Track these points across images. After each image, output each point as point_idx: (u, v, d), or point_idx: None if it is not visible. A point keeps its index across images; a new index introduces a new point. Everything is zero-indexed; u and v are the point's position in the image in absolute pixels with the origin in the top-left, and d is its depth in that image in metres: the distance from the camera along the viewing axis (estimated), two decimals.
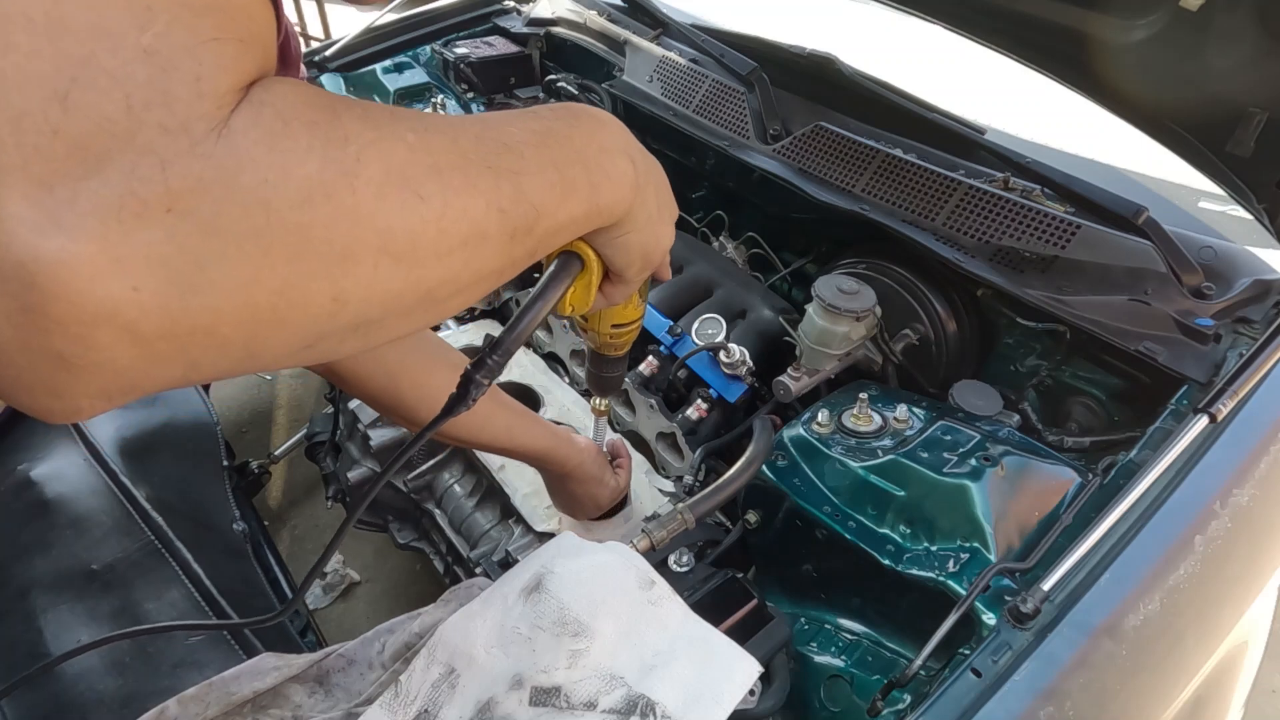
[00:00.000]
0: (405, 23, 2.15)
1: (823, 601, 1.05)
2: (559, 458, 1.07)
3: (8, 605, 0.92)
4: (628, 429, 1.41)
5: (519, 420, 1.02)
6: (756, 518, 1.09)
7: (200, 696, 0.76)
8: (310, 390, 2.56)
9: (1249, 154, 1.24)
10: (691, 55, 1.76)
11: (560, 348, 1.53)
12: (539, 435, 1.04)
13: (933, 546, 0.94)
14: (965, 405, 1.14)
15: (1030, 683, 0.73)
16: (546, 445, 1.05)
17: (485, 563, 1.20)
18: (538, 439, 1.04)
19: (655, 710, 0.72)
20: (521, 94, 2.06)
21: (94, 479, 1.07)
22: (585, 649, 0.77)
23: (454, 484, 1.41)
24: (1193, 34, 1.26)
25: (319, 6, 4.48)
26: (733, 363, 1.32)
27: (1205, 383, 1.05)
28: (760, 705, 0.82)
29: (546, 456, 1.06)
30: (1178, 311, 1.12)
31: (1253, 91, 1.21)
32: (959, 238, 1.27)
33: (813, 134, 1.48)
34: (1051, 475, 0.99)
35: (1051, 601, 0.79)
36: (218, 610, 0.94)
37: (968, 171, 1.37)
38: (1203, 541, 0.86)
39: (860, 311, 1.21)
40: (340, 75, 2.02)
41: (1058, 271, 1.19)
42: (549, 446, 1.05)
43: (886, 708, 0.87)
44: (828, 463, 1.03)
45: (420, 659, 0.77)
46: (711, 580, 0.95)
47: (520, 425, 1.02)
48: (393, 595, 2.00)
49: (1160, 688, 0.84)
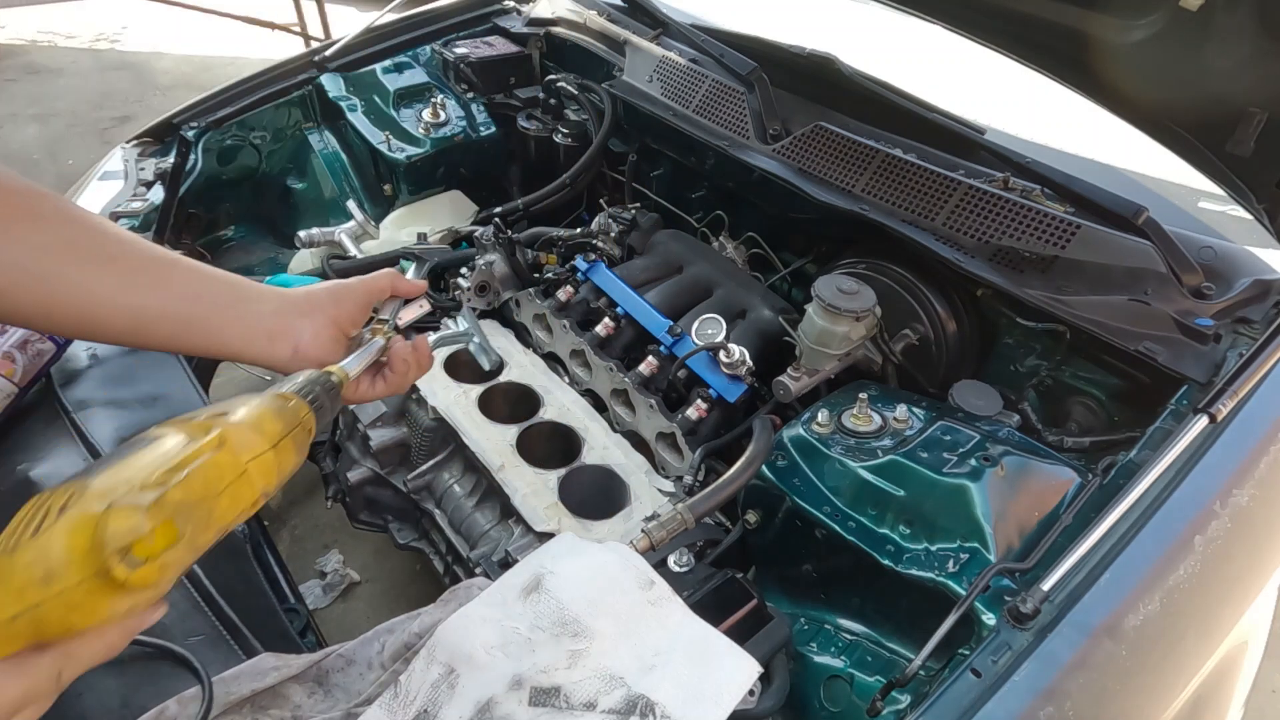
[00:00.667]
0: (405, 23, 2.15)
1: (822, 601, 1.05)
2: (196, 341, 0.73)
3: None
4: (628, 429, 1.41)
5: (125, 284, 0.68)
6: (756, 518, 1.09)
7: (200, 696, 0.76)
8: None
9: (1249, 154, 1.24)
10: (691, 55, 1.76)
11: (560, 348, 1.53)
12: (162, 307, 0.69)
13: (932, 547, 0.94)
14: (965, 405, 1.14)
15: (1030, 683, 0.73)
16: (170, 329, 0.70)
17: (485, 563, 1.20)
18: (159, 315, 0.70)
19: (655, 710, 0.72)
20: (521, 94, 2.06)
21: None
22: (585, 649, 0.77)
23: (454, 484, 1.41)
24: (1192, 34, 1.25)
25: (319, 6, 4.49)
26: (733, 363, 1.32)
27: (1205, 383, 1.05)
28: (760, 705, 0.82)
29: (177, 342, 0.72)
30: (1178, 311, 1.12)
31: (1253, 91, 1.21)
32: (959, 238, 1.27)
33: (812, 134, 1.48)
34: (1051, 475, 0.99)
35: (1051, 601, 0.79)
36: (217, 610, 0.94)
37: (968, 171, 1.37)
38: (1203, 541, 0.86)
39: (860, 311, 1.21)
40: (340, 75, 2.02)
41: (1058, 271, 1.19)
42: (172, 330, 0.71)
43: (886, 708, 0.87)
44: (827, 463, 1.03)
45: (420, 659, 0.77)
46: (711, 580, 0.95)
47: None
48: (393, 595, 2.00)
49: (1160, 688, 0.83)
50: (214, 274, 0.74)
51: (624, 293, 1.50)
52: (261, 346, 0.73)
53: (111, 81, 4.75)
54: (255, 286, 0.76)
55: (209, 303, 0.72)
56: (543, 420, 1.40)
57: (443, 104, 1.94)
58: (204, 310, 0.71)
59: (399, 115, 1.94)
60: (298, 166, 2.10)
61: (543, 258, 1.69)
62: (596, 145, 1.84)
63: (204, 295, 0.72)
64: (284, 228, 2.02)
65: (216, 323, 0.72)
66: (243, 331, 0.73)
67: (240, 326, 0.73)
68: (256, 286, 0.76)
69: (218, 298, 0.72)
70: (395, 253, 1.72)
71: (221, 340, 0.73)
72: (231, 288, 0.74)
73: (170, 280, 0.71)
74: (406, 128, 1.91)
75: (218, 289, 0.73)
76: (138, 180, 1.75)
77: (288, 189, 2.11)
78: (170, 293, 0.70)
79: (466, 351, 1.53)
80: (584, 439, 1.37)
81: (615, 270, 1.56)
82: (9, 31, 5.30)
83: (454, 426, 1.35)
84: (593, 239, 1.71)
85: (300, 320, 0.75)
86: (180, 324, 0.71)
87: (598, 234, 1.72)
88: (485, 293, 1.62)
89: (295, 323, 0.75)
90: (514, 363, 1.52)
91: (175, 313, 0.70)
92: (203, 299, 0.71)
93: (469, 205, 1.96)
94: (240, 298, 0.74)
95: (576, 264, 1.59)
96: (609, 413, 1.45)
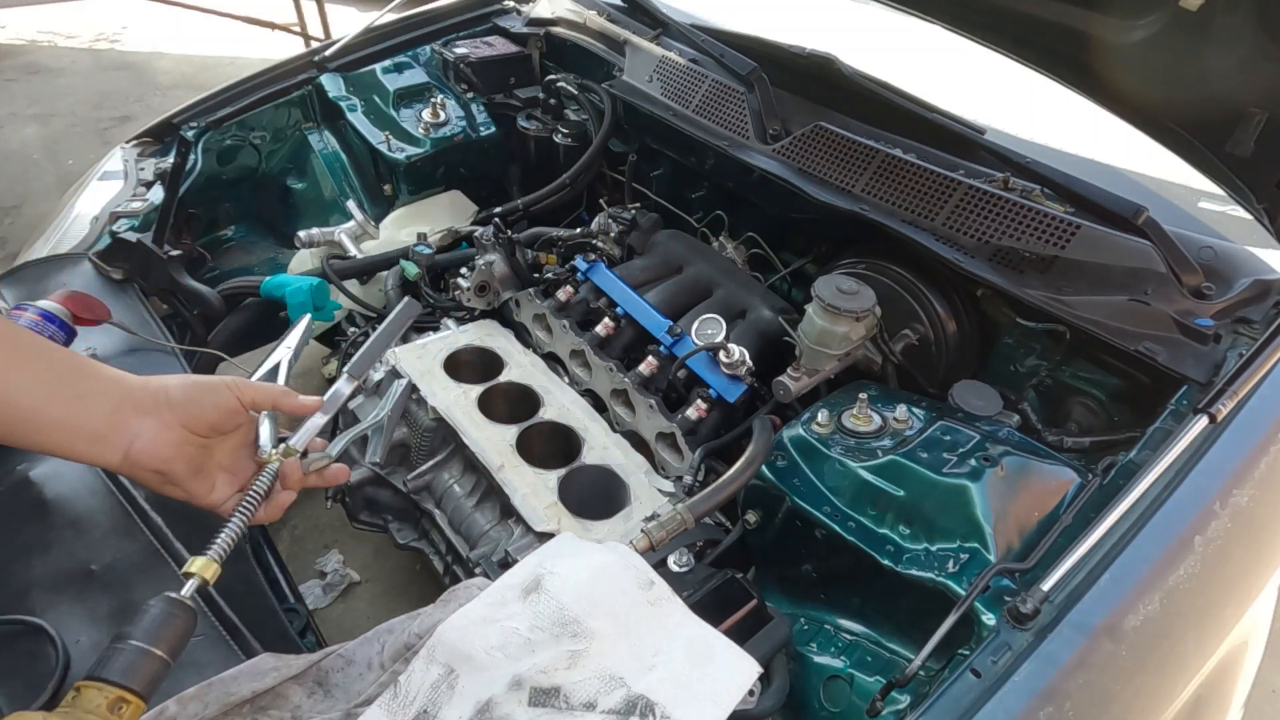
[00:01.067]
0: (405, 23, 2.15)
1: (822, 601, 1.05)
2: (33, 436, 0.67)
3: (7, 605, 0.92)
4: (628, 429, 1.41)
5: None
6: (756, 518, 1.09)
7: (199, 696, 0.75)
8: (310, 390, 2.56)
9: (1249, 154, 1.24)
10: (691, 55, 1.76)
11: (560, 348, 1.53)
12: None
13: (932, 547, 0.94)
14: (965, 405, 1.14)
15: (1030, 683, 0.73)
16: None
17: (485, 563, 1.20)
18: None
19: (654, 711, 0.72)
20: (521, 94, 2.06)
21: (93, 479, 1.07)
22: (584, 649, 0.77)
23: (453, 484, 1.41)
24: (1192, 34, 1.25)
25: (319, 6, 4.48)
26: (733, 363, 1.32)
27: (1205, 383, 1.05)
28: (760, 705, 0.82)
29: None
30: (1178, 311, 1.12)
31: (1253, 91, 1.21)
32: (959, 238, 1.27)
33: (812, 134, 1.48)
34: (1051, 475, 0.99)
35: (1051, 602, 0.79)
36: (216, 610, 0.94)
37: (968, 171, 1.37)
38: (1203, 542, 0.86)
39: (860, 311, 1.21)
40: (340, 75, 2.02)
41: (1057, 271, 1.19)
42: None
43: (886, 708, 0.87)
44: (827, 463, 1.03)
45: (419, 659, 0.77)
46: (711, 580, 0.95)
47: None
48: (393, 595, 2.00)
49: (1160, 688, 0.83)
50: (53, 363, 0.67)
51: (624, 293, 1.50)
52: (83, 449, 0.68)
53: (111, 81, 4.75)
54: (100, 379, 0.69)
55: (33, 397, 0.65)
56: (543, 420, 1.40)
57: (443, 104, 1.94)
58: (26, 405, 0.65)
59: (399, 115, 1.94)
60: (298, 166, 2.10)
61: (543, 258, 1.69)
62: (596, 145, 1.84)
63: (28, 389, 0.65)
64: (284, 228, 2.02)
65: (35, 422, 0.65)
66: (65, 434, 0.67)
67: (63, 429, 0.66)
68: (101, 379, 0.69)
69: (46, 392, 0.66)
70: (395, 253, 1.72)
71: (39, 440, 0.66)
72: (65, 383, 0.67)
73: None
74: (406, 128, 1.91)
75: (48, 383, 0.66)
76: (138, 180, 1.75)
77: (288, 189, 2.11)
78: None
79: (467, 351, 1.53)
80: (584, 439, 1.37)
81: (615, 270, 1.56)
82: (9, 31, 5.30)
83: (454, 426, 1.35)
84: (593, 239, 1.71)
85: (139, 420, 0.69)
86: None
87: (598, 234, 1.72)
88: (485, 293, 1.62)
89: (132, 422, 0.69)
90: (514, 363, 1.52)
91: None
92: (26, 393, 0.65)
93: (469, 205, 1.97)
94: (75, 393, 0.67)
95: (576, 264, 1.59)
96: (609, 413, 1.45)
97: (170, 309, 1.57)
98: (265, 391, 0.78)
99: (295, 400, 0.79)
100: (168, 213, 1.70)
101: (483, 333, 1.59)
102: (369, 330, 1.66)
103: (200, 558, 0.72)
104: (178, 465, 0.71)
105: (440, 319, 1.64)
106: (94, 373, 0.70)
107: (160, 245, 1.58)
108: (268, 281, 1.61)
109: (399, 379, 1.16)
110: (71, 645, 0.88)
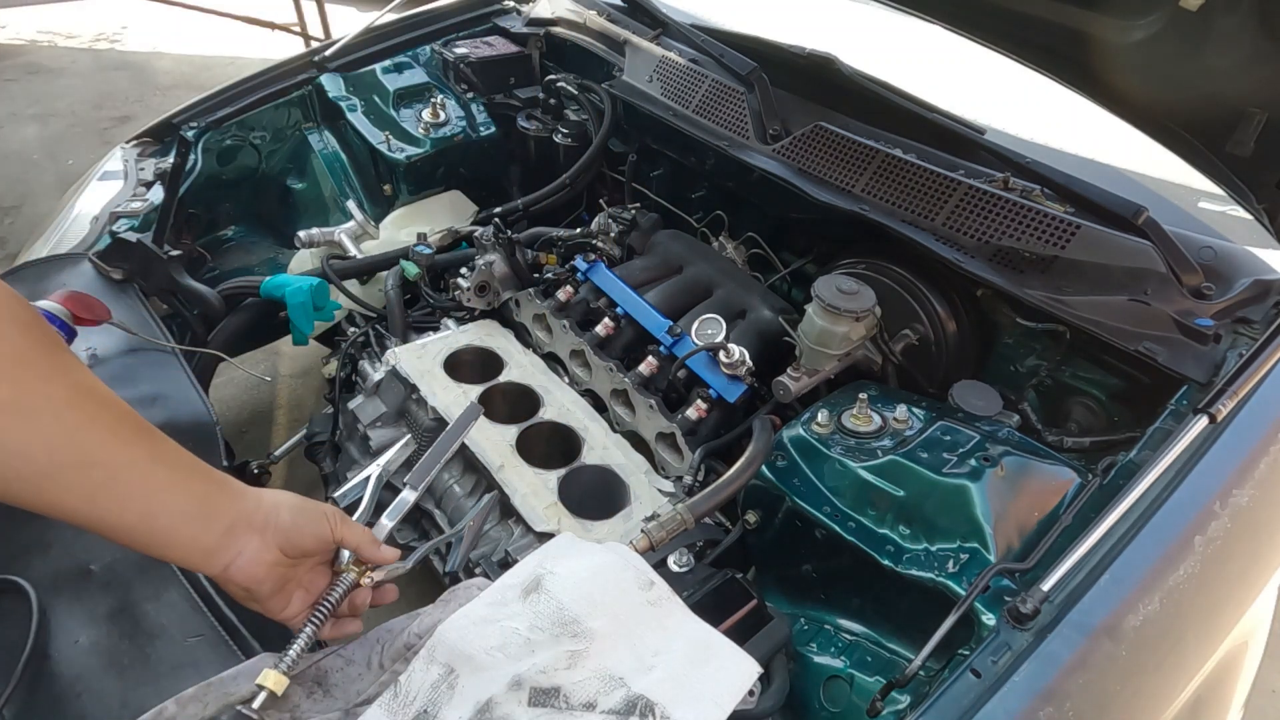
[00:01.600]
0: (405, 23, 2.15)
1: (822, 602, 1.05)
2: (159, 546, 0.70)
3: (7, 605, 0.92)
4: (628, 429, 1.41)
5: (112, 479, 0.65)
6: (756, 518, 1.09)
7: (199, 697, 0.75)
8: (310, 390, 2.56)
9: (1249, 154, 1.24)
10: (691, 55, 1.76)
11: (560, 348, 1.53)
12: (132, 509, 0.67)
13: (932, 547, 0.94)
14: (965, 405, 1.14)
15: (1030, 683, 0.73)
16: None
17: (485, 563, 1.20)
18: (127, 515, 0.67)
19: (654, 711, 0.72)
20: (521, 94, 2.06)
21: None
22: (584, 650, 0.77)
23: (454, 484, 1.41)
24: (1192, 34, 1.26)
25: (319, 6, 4.49)
26: (733, 363, 1.32)
27: (1205, 383, 1.05)
28: (760, 705, 0.82)
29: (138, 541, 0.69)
30: (1178, 311, 1.12)
31: (1253, 91, 1.21)
32: (959, 238, 1.27)
33: (812, 134, 1.48)
34: (1051, 475, 0.99)
35: (1051, 602, 0.79)
36: (216, 611, 0.94)
37: (967, 171, 1.37)
38: (1203, 542, 0.86)
39: (860, 311, 1.21)
40: (340, 75, 2.02)
41: (1057, 271, 1.19)
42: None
43: (886, 708, 0.87)
44: (827, 463, 1.03)
45: (419, 659, 0.77)
46: (711, 580, 0.95)
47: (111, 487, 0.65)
48: None
49: (1160, 688, 0.83)
50: (191, 484, 0.70)
51: (624, 293, 1.50)
52: (194, 561, 0.71)
53: (111, 81, 4.75)
54: (224, 495, 0.72)
55: (170, 519, 0.68)
56: (543, 420, 1.40)
57: (442, 104, 1.94)
58: (162, 526, 0.68)
59: (399, 115, 1.94)
60: (297, 166, 2.10)
61: (543, 258, 1.69)
62: (596, 145, 1.84)
63: (168, 512, 0.68)
64: (284, 228, 2.02)
65: (164, 538, 0.69)
66: (184, 551, 0.70)
67: (185, 547, 0.70)
68: (225, 495, 0.72)
69: (183, 514, 0.69)
70: (395, 253, 1.72)
71: (156, 551, 0.70)
72: (199, 504, 0.70)
73: (130, 496, 0.66)
74: (406, 128, 1.91)
75: (185, 506, 0.69)
76: (137, 180, 1.75)
77: (287, 189, 2.11)
78: (129, 511, 0.66)
79: (467, 351, 1.53)
80: (584, 439, 1.37)
81: (615, 270, 1.56)
82: (9, 31, 5.31)
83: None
84: (592, 239, 1.71)
85: (247, 538, 0.72)
86: (126, 539, 0.67)
87: (597, 234, 1.72)
88: (485, 293, 1.62)
89: (240, 539, 0.71)
90: (514, 363, 1.52)
91: (129, 531, 0.67)
92: (166, 515, 0.68)
93: (469, 205, 1.96)
94: (206, 515, 0.70)
95: (576, 264, 1.59)
96: (609, 413, 1.45)
97: (170, 309, 1.57)
98: (355, 536, 0.81)
99: (377, 552, 0.82)
100: (168, 213, 1.70)
101: (483, 333, 1.59)
102: (369, 330, 1.66)
103: (273, 672, 0.74)
104: (266, 585, 0.74)
105: (440, 319, 1.64)
106: (219, 489, 0.72)
107: (160, 245, 1.58)
108: (268, 282, 1.61)
109: (488, 494, 1.17)
110: (71, 645, 0.88)
